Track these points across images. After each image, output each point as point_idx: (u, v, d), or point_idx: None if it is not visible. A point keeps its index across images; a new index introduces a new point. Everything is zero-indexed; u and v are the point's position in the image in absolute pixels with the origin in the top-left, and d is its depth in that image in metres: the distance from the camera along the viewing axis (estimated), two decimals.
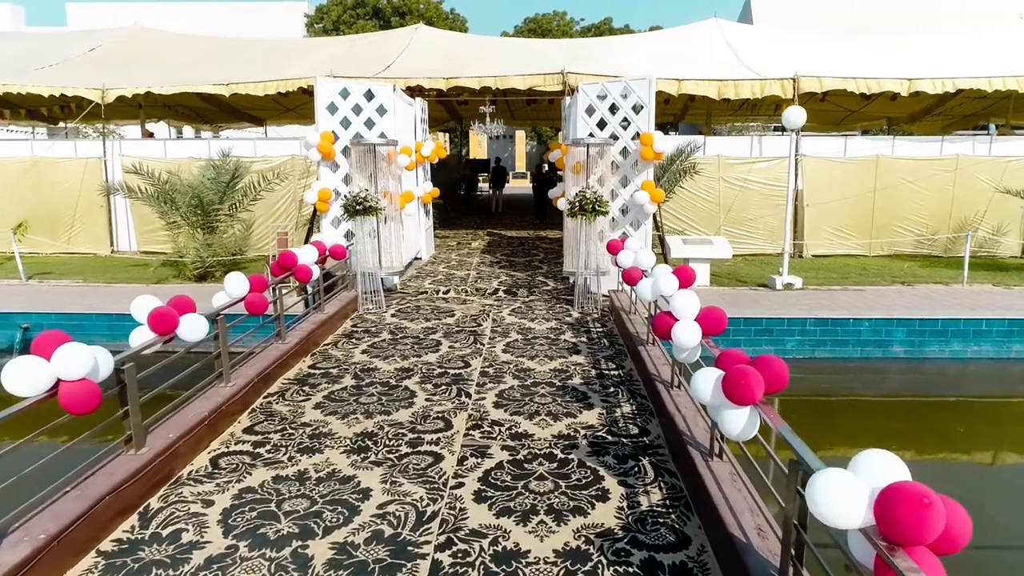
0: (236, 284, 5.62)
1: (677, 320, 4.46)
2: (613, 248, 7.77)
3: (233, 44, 18.75)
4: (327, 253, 8.01)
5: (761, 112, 20.15)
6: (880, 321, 8.66)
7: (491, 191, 22.76)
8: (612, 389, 6.04)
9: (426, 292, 10.13)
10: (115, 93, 14.05)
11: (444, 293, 10.09)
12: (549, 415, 5.43)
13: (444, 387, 6.10)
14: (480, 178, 30.06)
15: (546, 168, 20.65)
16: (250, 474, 4.45)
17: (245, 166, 12.17)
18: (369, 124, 9.85)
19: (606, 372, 6.53)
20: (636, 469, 4.47)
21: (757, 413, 3.33)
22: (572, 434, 5.06)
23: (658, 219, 11.47)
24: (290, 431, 5.14)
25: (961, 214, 13.51)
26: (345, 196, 9.03)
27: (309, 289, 8.47)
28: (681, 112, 20.89)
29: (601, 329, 8.17)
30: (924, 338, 8.67)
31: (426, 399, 5.80)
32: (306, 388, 6.09)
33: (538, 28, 40.70)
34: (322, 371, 6.58)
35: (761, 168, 13.79)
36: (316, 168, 9.93)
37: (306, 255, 7.09)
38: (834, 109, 19.14)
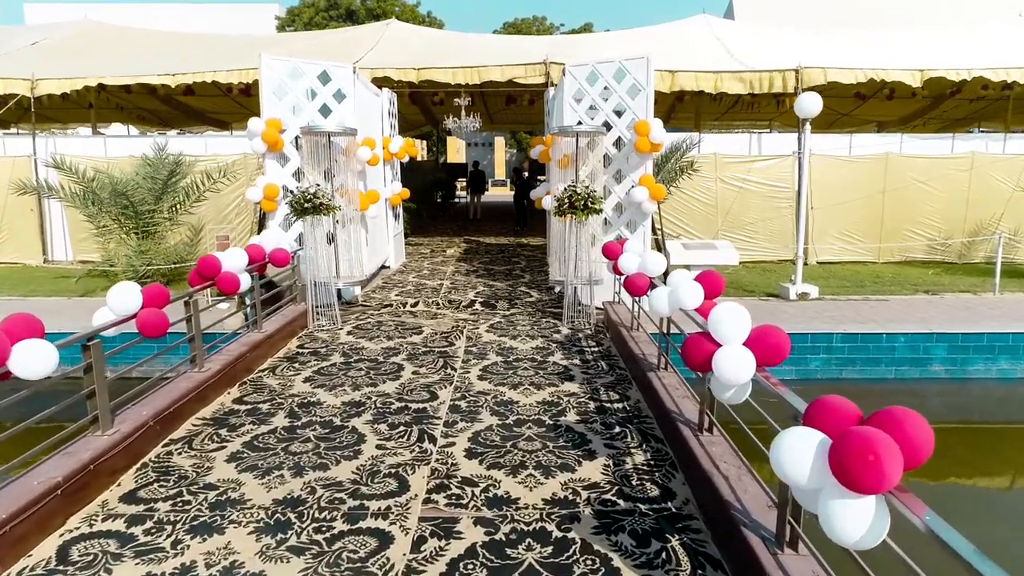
0: (122, 298, 4.23)
1: (720, 345, 3.17)
2: (611, 252, 6.49)
3: (189, 40, 17.30)
4: (266, 259, 6.63)
5: (757, 112, 19.05)
6: (918, 336, 7.46)
7: (469, 196, 21.43)
8: (618, 429, 4.73)
9: (391, 305, 8.76)
10: (46, 85, 12.62)
11: (412, 306, 8.74)
12: (539, 468, 4.11)
13: (402, 428, 4.74)
14: (458, 184, 28.80)
15: (527, 174, 19.39)
16: (109, 572, 3.07)
17: (187, 163, 10.72)
18: (325, 111, 8.54)
19: (607, 405, 5.22)
20: (664, 557, 3.16)
21: (886, 504, 2.04)
22: (570, 497, 3.74)
23: (657, 221, 10.23)
24: (186, 497, 3.76)
25: (976, 217, 12.45)
26: (292, 192, 7.68)
27: (248, 302, 7.09)
28: (667, 114, 19.77)
29: (596, 348, 6.87)
30: (968, 355, 7.48)
31: (377, 446, 4.45)
32: (223, 431, 4.70)
33: (517, 33, 39.71)
34: (249, 406, 5.19)
35: (761, 167, 12.66)
36: (262, 161, 8.56)
37: (233, 260, 5.71)
38: (824, 112, 18.13)
